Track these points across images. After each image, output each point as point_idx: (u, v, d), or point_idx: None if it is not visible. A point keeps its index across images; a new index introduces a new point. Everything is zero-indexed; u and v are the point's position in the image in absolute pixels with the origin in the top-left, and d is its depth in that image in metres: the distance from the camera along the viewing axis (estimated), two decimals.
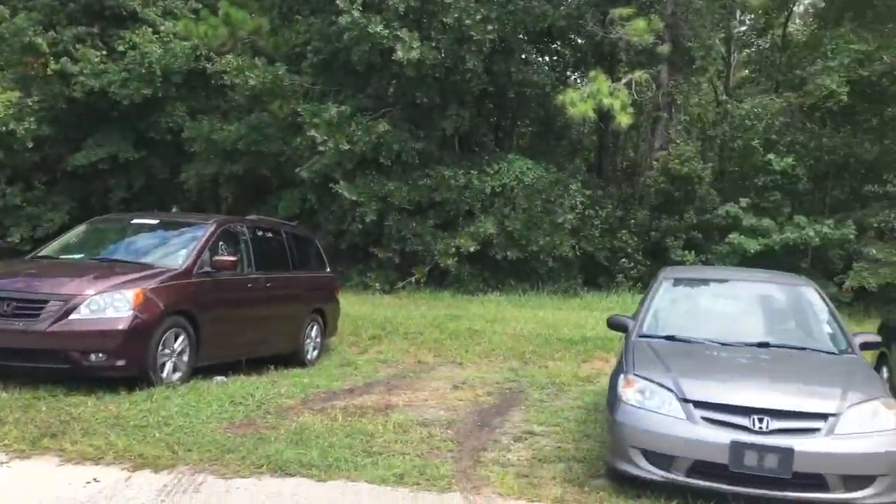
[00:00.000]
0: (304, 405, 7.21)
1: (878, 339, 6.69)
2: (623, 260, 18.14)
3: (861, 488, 4.63)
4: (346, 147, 16.72)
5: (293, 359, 9.31)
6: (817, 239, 16.85)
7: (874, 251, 16.16)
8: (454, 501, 4.82)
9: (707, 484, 4.76)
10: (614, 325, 6.48)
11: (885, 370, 8.41)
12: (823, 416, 4.74)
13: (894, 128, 20.46)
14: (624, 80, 17.49)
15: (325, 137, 16.74)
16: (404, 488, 4.97)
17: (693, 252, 17.49)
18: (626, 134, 22.16)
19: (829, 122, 19.56)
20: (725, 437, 4.69)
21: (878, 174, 18.45)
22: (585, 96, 16.17)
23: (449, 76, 17.22)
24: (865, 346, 6.10)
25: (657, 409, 4.95)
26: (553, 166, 19.07)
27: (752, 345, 5.83)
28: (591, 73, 17.39)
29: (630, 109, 16.54)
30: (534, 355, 10.59)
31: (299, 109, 17.44)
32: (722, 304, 6.77)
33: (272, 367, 8.76)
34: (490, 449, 6.03)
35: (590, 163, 23.58)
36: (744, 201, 17.70)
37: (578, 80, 21.72)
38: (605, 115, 18.10)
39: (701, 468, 4.76)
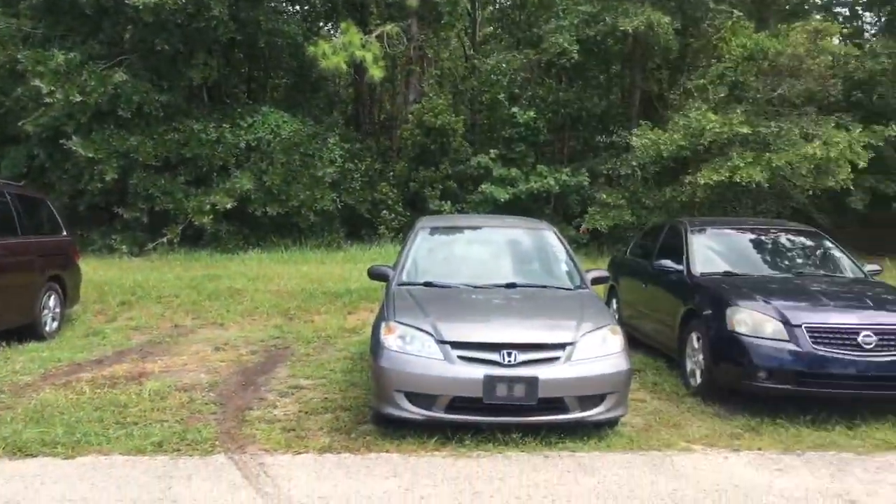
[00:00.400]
0: (44, 381, 6.60)
1: (606, 274, 7.45)
2: (384, 212, 18.48)
3: (594, 406, 5.22)
4: (78, 98, 15.21)
5: (29, 332, 8.38)
6: (557, 187, 18.35)
7: (604, 196, 17.93)
8: (218, 463, 4.71)
9: (465, 417, 5.12)
10: (375, 275, 6.61)
11: (614, 301, 9.47)
12: (562, 346, 5.24)
13: (618, 84, 22.74)
14: (375, 33, 17.59)
15: (52, 88, 15.08)
16: (163, 456, 4.77)
17: (449, 202, 18.26)
18: (382, 87, 22.39)
19: (563, 78, 21.21)
20: (479, 372, 5.03)
21: (606, 126, 20.32)
22: (338, 48, 16.03)
23: (192, 23, 16.15)
24: (596, 281, 6.80)
25: (418, 352, 5.18)
26: (310, 119, 18.81)
27: (501, 286, 6.26)
28: (343, 25, 17.26)
29: (383, 63, 16.68)
30: (299, 311, 10.51)
31: (19, 56, 15.53)
32: (474, 250, 7.19)
33: (4, 343, 7.88)
34: (255, 407, 5.95)
35: (347, 116, 23.55)
36: (493, 152, 18.73)
37: (331, 32, 21.44)
38: (360, 68, 18.11)
39: (459, 404, 5.09)
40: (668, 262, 7.62)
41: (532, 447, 5.07)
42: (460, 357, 5.12)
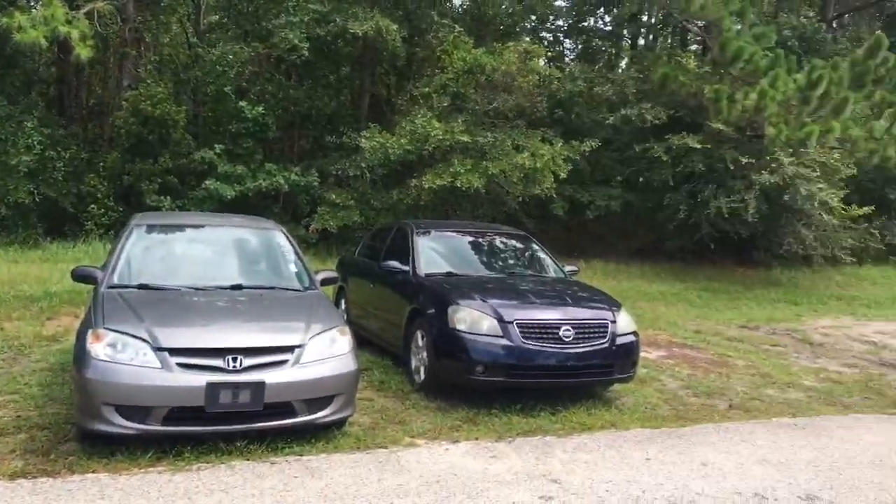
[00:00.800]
0: None
1: (335, 275, 7.47)
2: (92, 206, 16.81)
3: (322, 409, 5.19)
4: None
5: None
6: (287, 185, 18.07)
7: (334, 196, 18.01)
8: None
9: (184, 429, 4.82)
10: (81, 276, 5.98)
11: (343, 301, 9.54)
12: (290, 349, 5.14)
13: (348, 85, 23.00)
14: (84, 10, 15.91)
15: None
16: None
17: (170, 198, 17.11)
18: (92, 69, 20.34)
19: (294, 76, 20.94)
20: (201, 380, 4.76)
21: (336, 127, 20.43)
22: (38, 21, 14.22)
23: None
24: (326, 282, 6.78)
25: (130, 361, 4.77)
26: (3, 99, 16.55)
27: (226, 288, 5.99)
28: None
29: (92, 42, 15.14)
30: None
31: None
32: (196, 250, 6.79)
33: None
34: None
35: (49, 98, 21.06)
36: (219, 147, 17.91)
37: (30, 2, 19.04)
38: (65, 46, 16.28)
39: (178, 414, 4.78)
40: (395, 263, 7.84)
41: (258, 454, 4.90)
42: (180, 364, 4.79)
